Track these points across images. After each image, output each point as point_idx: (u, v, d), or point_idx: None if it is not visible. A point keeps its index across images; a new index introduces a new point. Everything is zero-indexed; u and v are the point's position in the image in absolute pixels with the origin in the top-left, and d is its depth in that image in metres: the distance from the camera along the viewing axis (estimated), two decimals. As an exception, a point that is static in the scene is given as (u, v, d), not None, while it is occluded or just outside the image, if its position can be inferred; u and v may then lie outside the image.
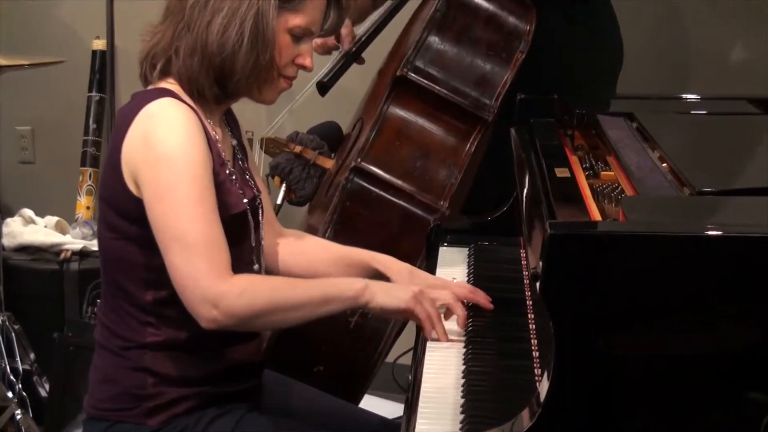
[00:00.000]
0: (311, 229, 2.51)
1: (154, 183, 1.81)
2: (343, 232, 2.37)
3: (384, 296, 1.91)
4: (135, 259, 1.89)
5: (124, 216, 1.88)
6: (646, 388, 1.50)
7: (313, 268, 2.13)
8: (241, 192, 1.96)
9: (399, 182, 2.46)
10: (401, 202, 2.46)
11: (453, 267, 2.29)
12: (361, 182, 2.46)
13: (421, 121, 2.51)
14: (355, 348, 2.41)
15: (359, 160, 2.47)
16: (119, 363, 1.92)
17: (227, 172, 1.94)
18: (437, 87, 2.51)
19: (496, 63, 2.53)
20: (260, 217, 2.02)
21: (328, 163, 2.75)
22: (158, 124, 1.83)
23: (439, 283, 2.05)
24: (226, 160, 1.95)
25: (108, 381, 1.94)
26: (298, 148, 2.76)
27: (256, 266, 2.00)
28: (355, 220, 2.45)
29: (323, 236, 2.40)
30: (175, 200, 1.80)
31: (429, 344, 1.93)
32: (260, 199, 2.03)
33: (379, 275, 2.08)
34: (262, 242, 2.03)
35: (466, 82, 2.53)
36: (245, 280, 1.87)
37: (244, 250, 1.97)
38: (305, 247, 2.16)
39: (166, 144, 1.82)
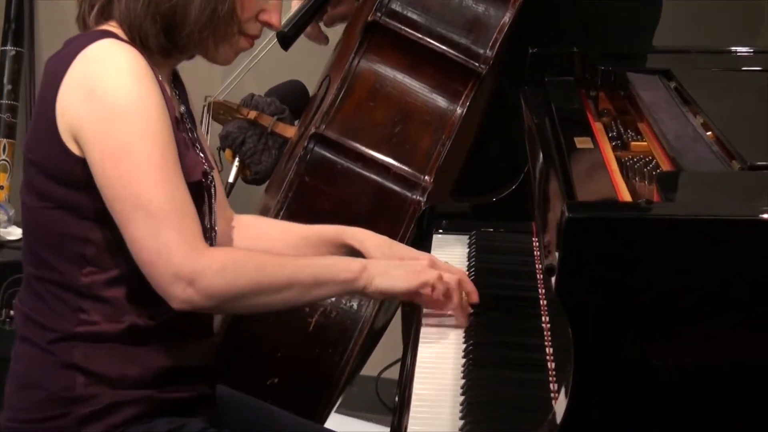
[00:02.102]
0: (264, 210, 2.50)
1: (104, 142, 1.83)
2: (299, 214, 2.36)
3: (384, 278, 1.95)
4: (72, 232, 1.90)
5: (62, 181, 1.88)
6: (688, 406, 1.50)
7: None
8: (198, 157, 1.97)
9: (372, 152, 2.46)
10: (373, 176, 2.45)
11: (450, 259, 2.28)
12: (323, 152, 2.46)
13: (400, 77, 2.50)
14: (317, 354, 2.41)
15: (322, 125, 2.46)
16: (43, 360, 1.92)
17: (182, 133, 1.95)
18: (418, 34, 2.50)
19: (491, 2, 2.52)
20: (213, 199, 2.02)
21: (290, 132, 2.74)
22: (103, 70, 1.84)
23: (424, 258, 2.07)
24: (178, 120, 1.96)
25: (30, 385, 1.93)
26: (252, 114, 2.75)
27: None
28: (315, 199, 2.45)
29: (275, 218, 2.39)
30: (134, 162, 1.82)
31: (421, 354, 1.93)
32: (212, 176, 2.03)
33: (352, 253, 2.10)
34: (216, 228, 2.03)
35: (455, 27, 2.51)
36: (226, 254, 1.90)
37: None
38: (262, 232, 2.18)
39: (117, 94, 1.83)
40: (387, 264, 2.00)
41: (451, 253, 2.32)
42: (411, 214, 2.43)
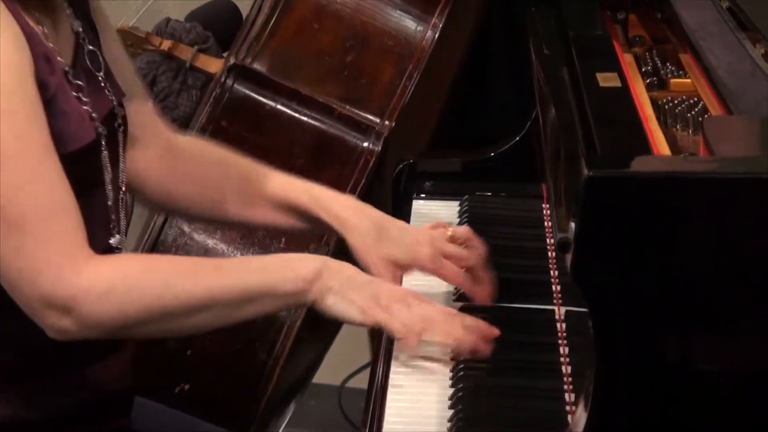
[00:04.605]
0: None
1: None
2: None
3: (339, 300, 1.89)
4: None
5: None
6: (747, 422, 1.50)
7: (216, 204, 2.16)
8: (86, 110, 1.94)
9: (313, 88, 2.47)
10: (312, 120, 2.47)
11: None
12: (245, 90, 2.47)
13: None
14: (238, 351, 2.43)
15: (248, 57, 2.47)
16: None
17: (67, 81, 1.92)
18: None
19: None
20: (120, 146, 2.01)
21: (214, 66, 2.74)
22: None
23: (424, 252, 2.05)
24: (60, 64, 1.93)
25: None
26: (166, 44, 2.76)
27: (114, 238, 1.99)
28: (234, 149, 2.45)
29: None
30: None
31: (396, 357, 1.94)
32: (122, 112, 2.01)
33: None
34: (123, 187, 2.01)
35: None
36: (116, 269, 1.84)
37: (94, 208, 1.95)
38: (200, 164, 2.17)
39: None
40: (349, 279, 1.93)
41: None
42: (362, 166, 2.45)
